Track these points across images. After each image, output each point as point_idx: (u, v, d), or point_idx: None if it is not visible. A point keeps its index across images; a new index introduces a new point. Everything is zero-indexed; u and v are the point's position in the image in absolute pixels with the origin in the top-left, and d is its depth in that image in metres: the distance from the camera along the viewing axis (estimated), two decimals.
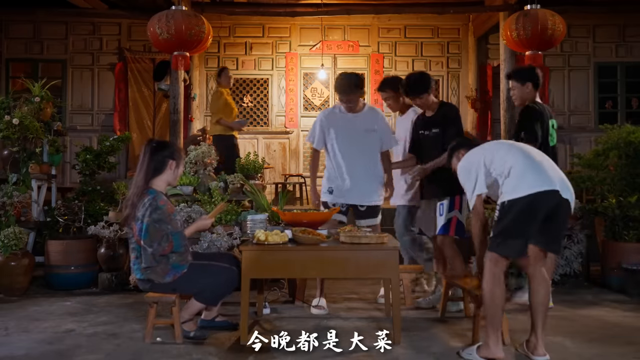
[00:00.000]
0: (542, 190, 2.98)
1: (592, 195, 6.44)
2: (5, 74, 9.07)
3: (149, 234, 3.29)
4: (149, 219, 3.29)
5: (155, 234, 3.30)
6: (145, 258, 3.33)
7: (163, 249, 3.32)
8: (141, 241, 3.32)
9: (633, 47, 9.23)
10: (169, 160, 3.47)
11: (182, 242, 3.42)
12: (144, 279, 3.41)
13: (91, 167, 5.89)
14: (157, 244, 3.30)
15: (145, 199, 3.34)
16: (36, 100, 5.63)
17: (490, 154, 3.22)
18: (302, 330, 3.70)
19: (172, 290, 3.44)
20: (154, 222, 3.29)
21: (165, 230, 3.33)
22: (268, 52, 9.33)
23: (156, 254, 3.31)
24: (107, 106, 9.14)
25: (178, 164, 3.52)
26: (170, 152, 3.51)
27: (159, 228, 3.30)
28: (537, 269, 3.12)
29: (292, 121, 9.29)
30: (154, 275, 3.37)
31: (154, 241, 3.29)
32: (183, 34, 5.88)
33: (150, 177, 3.42)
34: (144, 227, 3.29)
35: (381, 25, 9.33)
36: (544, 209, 2.99)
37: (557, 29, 5.96)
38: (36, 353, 3.27)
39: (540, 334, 3.10)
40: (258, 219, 3.80)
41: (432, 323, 3.93)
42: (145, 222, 3.29)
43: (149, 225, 3.29)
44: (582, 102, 9.31)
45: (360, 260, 3.44)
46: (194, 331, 3.52)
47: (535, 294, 3.12)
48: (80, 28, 9.12)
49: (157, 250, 3.30)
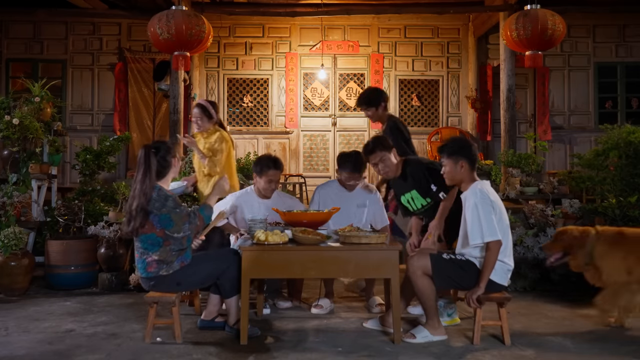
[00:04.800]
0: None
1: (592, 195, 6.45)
2: (5, 74, 9.08)
3: (173, 222, 3.31)
4: (166, 208, 3.31)
5: (181, 218, 3.32)
6: (175, 242, 3.35)
7: (196, 225, 3.40)
8: (165, 232, 3.33)
9: (633, 47, 9.24)
10: (171, 159, 3.49)
11: (209, 214, 3.52)
12: (149, 276, 3.39)
13: (91, 167, 5.89)
14: (187, 224, 3.34)
15: (153, 194, 3.34)
16: (36, 100, 5.63)
17: (503, 213, 3.46)
18: (302, 330, 3.72)
19: (177, 285, 3.44)
20: (172, 209, 3.32)
21: (186, 210, 3.38)
22: (268, 52, 9.33)
23: (192, 233, 3.41)
24: (107, 106, 9.15)
25: (177, 158, 3.57)
26: (166, 150, 3.48)
27: (180, 212, 3.33)
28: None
29: (292, 121, 9.29)
30: (165, 265, 3.35)
31: (183, 224, 3.33)
32: (183, 34, 5.88)
33: (155, 181, 3.37)
34: (164, 217, 3.30)
35: (381, 25, 9.33)
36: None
37: (557, 29, 5.96)
38: (36, 353, 3.27)
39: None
40: (258, 219, 3.80)
41: None
42: (164, 213, 3.30)
43: (169, 214, 3.30)
44: (582, 102, 9.32)
45: (360, 260, 3.44)
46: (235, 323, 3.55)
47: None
48: (80, 28, 9.13)
49: (191, 229, 3.38)
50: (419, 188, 3.96)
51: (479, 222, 3.34)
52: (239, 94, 9.36)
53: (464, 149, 3.54)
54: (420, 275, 3.42)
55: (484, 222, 3.32)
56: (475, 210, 3.36)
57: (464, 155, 3.51)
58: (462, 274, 3.41)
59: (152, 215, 3.31)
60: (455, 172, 3.54)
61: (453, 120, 9.40)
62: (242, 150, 8.92)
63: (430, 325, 3.49)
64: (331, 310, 4.22)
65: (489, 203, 3.37)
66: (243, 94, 9.36)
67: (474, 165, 3.55)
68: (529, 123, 9.30)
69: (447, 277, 3.43)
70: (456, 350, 3.31)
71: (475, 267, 3.40)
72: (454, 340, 3.50)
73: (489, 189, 3.50)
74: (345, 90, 9.37)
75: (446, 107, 9.40)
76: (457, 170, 3.53)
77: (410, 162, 4.04)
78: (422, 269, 3.42)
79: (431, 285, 3.44)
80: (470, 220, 3.38)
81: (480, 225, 3.33)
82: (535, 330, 3.74)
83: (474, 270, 3.40)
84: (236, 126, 9.29)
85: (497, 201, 3.46)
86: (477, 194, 3.41)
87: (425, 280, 3.42)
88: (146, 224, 3.32)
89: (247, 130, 9.30)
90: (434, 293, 3.48)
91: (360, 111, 4.63)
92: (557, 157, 9.18)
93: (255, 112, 9.38)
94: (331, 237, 3.69)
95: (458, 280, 3.45)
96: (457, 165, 3.52)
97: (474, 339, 3.42)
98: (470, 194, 3.45)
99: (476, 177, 3.56)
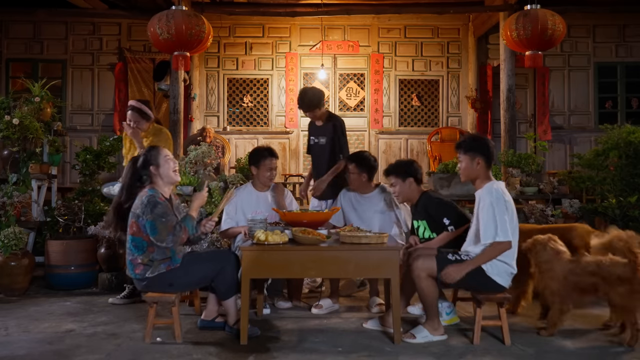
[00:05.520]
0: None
1: (592, 195, 6.45)
2: (5, 74, 9.08)
3: (157, 230, 3.29)
4: (152, 215, 3.28)
5: (165, 228, 3.29)
6: (159, 251, 3.35)
7: (180, 238, 3.32)
8: (150, 238, 3.32)
9: (633, 47, 9.24)
10: (148, 169, 3.46)
11: (193, 224, 3.42)
12: (137, 277, 3.40)
13: (91, 167, 5.89)
14: (171, 235, 3.30)
15: (144, 196, 3.34)
16: (36, 100, 5.63)
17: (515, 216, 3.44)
18: (302, 330, 3.71)
19: (169, 286, 3.42)
20: (158, 217, 3.29)
21: (173, 220, 3.35)
22: (268, 52, 9.33)
23: (175, 245, 3.35)
24: (107, 106, 9.15)
25: (158, 164, 3.47)
26: (144, 161, 3.48)
27: (166, 221, 3.30)
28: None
29: (292, 121, 9.30)
30: (151, 268, 3.35)
31: (167, 234, 3.29)
32: (183, 34, 5.88)
33: (133, 192, 3.45)
34: (149, 224, 3.29)
35: (381, 25, 9.33)
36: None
37: (557, 29, 5.95)
38: (36, 353, 3.27)
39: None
40: (258, 219, 3.79)
41: None
42: (149, 219, 3.29)
43: (154, 221, 3.28)
44: (582, 102, 9.32)
45: (360, 260, 3.44)
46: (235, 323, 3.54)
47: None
48: (80, 28, 9.14)
49: (175, 241, 3.32)
50: (429, 222, 3.96)
51: (494, 222, 3.32)
52: (239, 94, 9.36)
53: (482, 146, 3.52)
54: (424, 277, 3.40)
55: (499, 221, 3.31)
56: (490, 209, 3.34)
57: (481, 152, 3.48)
58: (467, 274, 3.40)
59: (140, 219, 3.32)
60: (471, 169, 3.51)
61: (453, 120, 9.40)
62: (242, 150, 8.94)
63: (430, 325, 3.49)
64: (334, 311, 4.22)
65: (504, 203, 3.36)
66: (243, 94, 9.36)
67: (490, 163, 3.53)
68: (529, 123, 9.30)
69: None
70: (456, 350, 3.31)
71: (480, 267, 3.40)
72: (454, 340, 3.50)
73: (504, 189, 3.49)
74: (345, 90, 9.37)
75: (446, 107, 9.40)
76: (473, 167, 3.50)
77: (425, 196, 4.00)
78: (427, 271, 3.40)
79: (435, 287, 3.44)
80: (485, 219, 3.36)
81: (495, 225, 3.32)
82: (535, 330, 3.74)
83: (480, 270, 3.40)
84: (236, 126, 9.30)
85: (511, 202, 3.44)
86: (493, 193, 3.38)
87: (430, 282, 3.41)
88: (128, 225, 3.36)
89: (247, 130, 9.30)
90: (436, 294, 3.49)
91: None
92: (557, 157, 9.19)
93: (255, 112, 9.38)
94: (331, 237, 3.69)
95: (464, 281, 3.44)
96: (474, 162, 3.49)
97: (474, 339, 3.42)
98: (486, 193, 3.43)
99: (491, 176, 3.55)
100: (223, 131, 9.17)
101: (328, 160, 4.74)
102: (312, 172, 4.97)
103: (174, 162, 3.56)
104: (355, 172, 4.34)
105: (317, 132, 4.82)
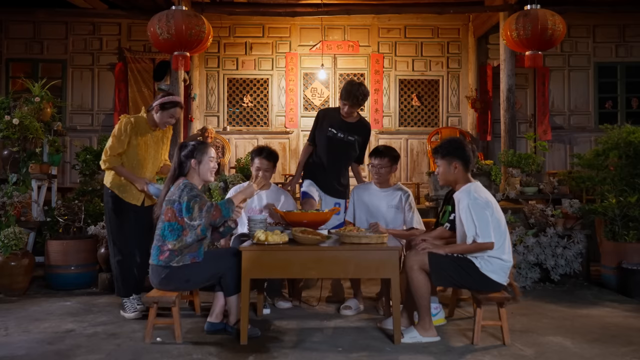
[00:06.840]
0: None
1: (592, 195, 6.45)
2: (5, 74, 9.07)
3: (191, 210, 3.34)
4: (187, 196, 3.36)
5: (199, 206, 3.34)
6: (192, 234, 3.37)
7: (212, 215, 3.35)
8: (185, 219, 3.36)
9: (633, 47, 9.24)
10: (190, 160, 3.53)
11: (229, 208, 3.43)
12: (160, 264, 3.40)
13: (91, 167, 5.89)
14: (204, 211, 3.33)
15: (180, 183, 3.44)
16: (36, 100, 5.63)
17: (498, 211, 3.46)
18: (302, 330, 3.72)
19: (185, 283, 3.46)
20: (193, 197, 3.36)
21: (206, 200, 3.40)
22: (268, 52, 9.33)
23: (206, 222, 3.36)
24: (107, 106, 9.15)
25: (200, 161, 3.54)
26: (190, 152, 3.55)
27: (200, 200, 3.37)
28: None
29: (292, 121, 9.30)
30: (177, 257, 3.38)
31: (200, 211, 3.34)
32: (183, 34, 5.88)
33: (174, 178, 3.54)
34: (185, 205, 3.35)
35: (381, 25, 9.33)
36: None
37: (557, 29, 5.95)
38: (36, 353, 3.27)
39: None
40: (258, 219, 3.80)
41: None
42: (185, 201, 3.36)
43: (189, 202, 3.35)
44: (582, 102, 9.32)
45: (360, 260, 3.43)
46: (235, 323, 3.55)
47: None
48: (80, 28, 9.13)
49: (207, 219, 3.34)
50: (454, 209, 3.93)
51: (472, 224, 3.38)
52: (239, 94, 9.35)
53: (458, 150, 3.54)
54: (416, 269, 3.41)
55: (477, 223, 3.36)
56: (468, 211, 3.40)
57: (458, 156, 3.52)
58: (460, 272, 3.41)
59: (176, 204, 3.38)
60: (448, 173, 3.56)
61: (453, 120, 9.40)
62: (242, 150, 8.94)
63: (421, 326, 3.48)
64: (360, 312, 4.23)
65: (481, 204, 3.39)
66: (243, 94, 9.36)
67: (468, 167, 3.54)
68: (529, 123, 9.30)
69: (445, 275, 3.42)
70: (456, 350, 3.31)
71: (473, 265, 3.40)
72: (454, 340, 3.50)
73: (480, 188, 3.51)
74: None
75: (446, 107, 9.40)
76: (450, 171, 3.55)
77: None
78: (419, 264, 3.42)
79: (427, 283, 3.44)
80: (465, 221, 3.42)
81: (474, 227, 3.37)
82: (535, 330, 3.74)
83: (473, 268, 3.40)
84: (236, 126, 9.29)
85: (488, 199, 3.46)
86: (470, 194, 3.43)
87: (422, 276, 3.42)
88: (162, 213, 3.43)
89: (247, 130, 9.30)
90: (429, 291, 3.47)
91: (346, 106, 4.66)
92: (557, 157, 9.19)
93: (255, 112, 9.38)
94: (331, 237, 3.69)
95: (456, 278, 3.45)
96: (451, 166, 3.54)
97: (474, 339, 3.42)
98: (463, 196, 3.47)
99: (470, 179, 3.56)
100: (223, 131, 9.17)
101: (345, 157, 4.74)
102: (316, 160, 4.76)
103: (215, 164, 3.63)
104: (387, 166, 4.34)
105: (345, 127, 4.65)
